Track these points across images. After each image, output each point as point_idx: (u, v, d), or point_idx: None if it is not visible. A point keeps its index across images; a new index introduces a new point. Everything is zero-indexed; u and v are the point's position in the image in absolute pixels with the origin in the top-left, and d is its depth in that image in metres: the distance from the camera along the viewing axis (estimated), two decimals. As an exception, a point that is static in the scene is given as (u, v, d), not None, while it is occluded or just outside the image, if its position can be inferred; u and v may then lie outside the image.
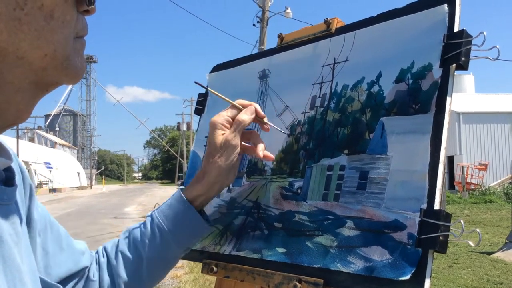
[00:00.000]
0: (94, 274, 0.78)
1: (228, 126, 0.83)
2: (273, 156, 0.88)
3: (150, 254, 0.80)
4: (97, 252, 0.84)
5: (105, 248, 0.84)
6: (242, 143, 0.84)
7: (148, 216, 0.84)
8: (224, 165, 0.81)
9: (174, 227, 0.81)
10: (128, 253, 0.80)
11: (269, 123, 0.88)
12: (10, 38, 0.41)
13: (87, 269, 0.76)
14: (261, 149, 0.84)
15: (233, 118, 0.84)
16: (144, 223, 0.83)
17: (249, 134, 0.86)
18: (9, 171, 0.52)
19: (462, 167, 18.92)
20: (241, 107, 0.85)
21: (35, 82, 0.46)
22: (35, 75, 0.45)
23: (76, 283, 0.74)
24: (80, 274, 0.75)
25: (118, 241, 0.84)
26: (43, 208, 0.68)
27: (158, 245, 0.80)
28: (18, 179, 0.59)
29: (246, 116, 0.83)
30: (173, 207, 0.82)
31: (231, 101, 0.85)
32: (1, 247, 0.45)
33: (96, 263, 0.81)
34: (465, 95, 24.87)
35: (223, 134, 0.82)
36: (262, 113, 0.86)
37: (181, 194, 0.83)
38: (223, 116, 0.84)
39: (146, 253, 0.80)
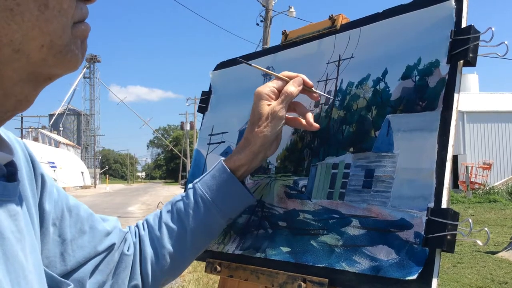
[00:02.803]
0: (129, 248, 0.78)
1: (274, 97, 0.83)
2: (318, 126, 0.85)
3: (194, 224, 0.80)
4: (137, 226, 0.84)
5: (146, 221, 0.84)
6: (287, 115, 0.84)
7: (190, 188, 0.84)
8: (270, 134, 0.81)
9: (218, 197, 0.81)
10: (172, 224, 0.81)
11: (317, 91, 0.87)
12: (3, 29, 0.40)
13: (115, 246, 0.75)
14: (310, 117, 0.84)
15: (279, 90, 0.84)
16: (187, 194, 0.83)
17: (293, 105, 0.87)
18: (11, 165, 0.51)
19: (466, 167, 18.83)
20: (287, 78, 0.84)
21: (35, 73, 0.45)
22: (34, 67, 0.44)
23: (102, 260, 0.72)
24: (105, 252, 0.73)
25: (160, 213, 0.84)
26: (61, 192, 0.67)
27: (202, 215, 0.81)
28: (27, 171, 0.58)
29: (293, 88, 0.83)
30: (216, 178, 0.82)
31: (277, 74, 0.85)
32: (3, 245, 0.44)
33: (136, 237, 0.81)
34: (469, 94, 24.73)
35: (269, 104, 0.82)
36: (310, 82, 0.86)
37: (224, 164, 0.83)
38: (268, 86, 0.84)
39: (190, 223, 0.80)
